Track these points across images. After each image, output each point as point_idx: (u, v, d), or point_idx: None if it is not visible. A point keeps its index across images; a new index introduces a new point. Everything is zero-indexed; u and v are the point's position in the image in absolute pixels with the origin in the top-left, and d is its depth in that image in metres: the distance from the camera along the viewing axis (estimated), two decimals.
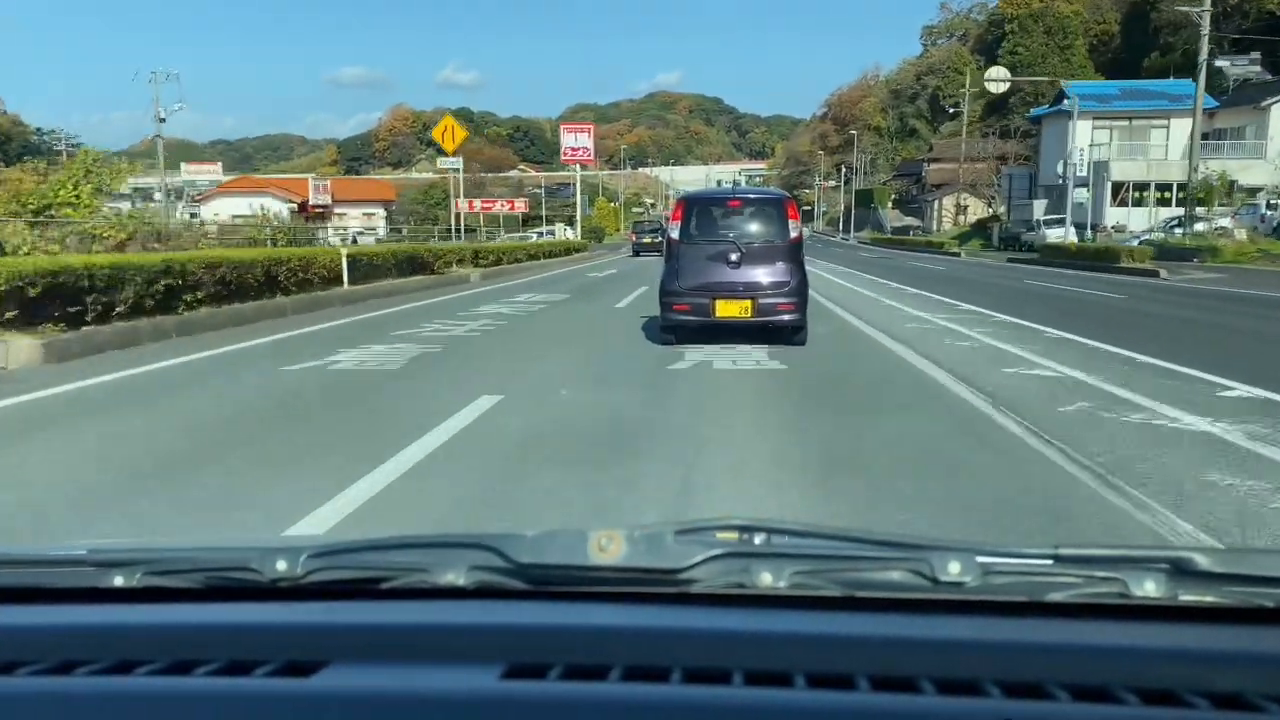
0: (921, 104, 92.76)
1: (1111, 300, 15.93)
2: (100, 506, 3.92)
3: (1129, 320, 12.39)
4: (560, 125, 53.56)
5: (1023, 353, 8.75)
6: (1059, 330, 10.58)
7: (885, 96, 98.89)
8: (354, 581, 0.98)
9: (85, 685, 0.81)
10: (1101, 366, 7.77)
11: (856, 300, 16.01)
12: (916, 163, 78.04)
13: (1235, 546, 3.21)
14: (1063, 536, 3.44)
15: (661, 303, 9.16)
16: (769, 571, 0.91)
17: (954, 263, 34.49)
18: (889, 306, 14.72)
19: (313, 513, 3.66)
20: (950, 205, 61.42)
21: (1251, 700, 0.74)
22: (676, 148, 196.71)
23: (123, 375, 7.50)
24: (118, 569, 1.01)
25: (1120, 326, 11.16)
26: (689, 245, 9.12)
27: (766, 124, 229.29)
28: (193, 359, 8.49)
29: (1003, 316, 12.48)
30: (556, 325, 12.60)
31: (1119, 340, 9.41)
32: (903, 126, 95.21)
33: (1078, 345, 9.29)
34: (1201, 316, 12.99)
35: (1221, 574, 0.90)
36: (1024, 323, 11.57)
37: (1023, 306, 14.01)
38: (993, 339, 9.95)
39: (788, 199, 9.80)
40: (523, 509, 3.80)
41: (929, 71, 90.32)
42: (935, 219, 63.18)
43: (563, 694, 0.77)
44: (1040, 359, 8.28)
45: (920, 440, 5.13)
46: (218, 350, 9.13)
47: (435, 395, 6.60)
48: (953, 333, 10.67)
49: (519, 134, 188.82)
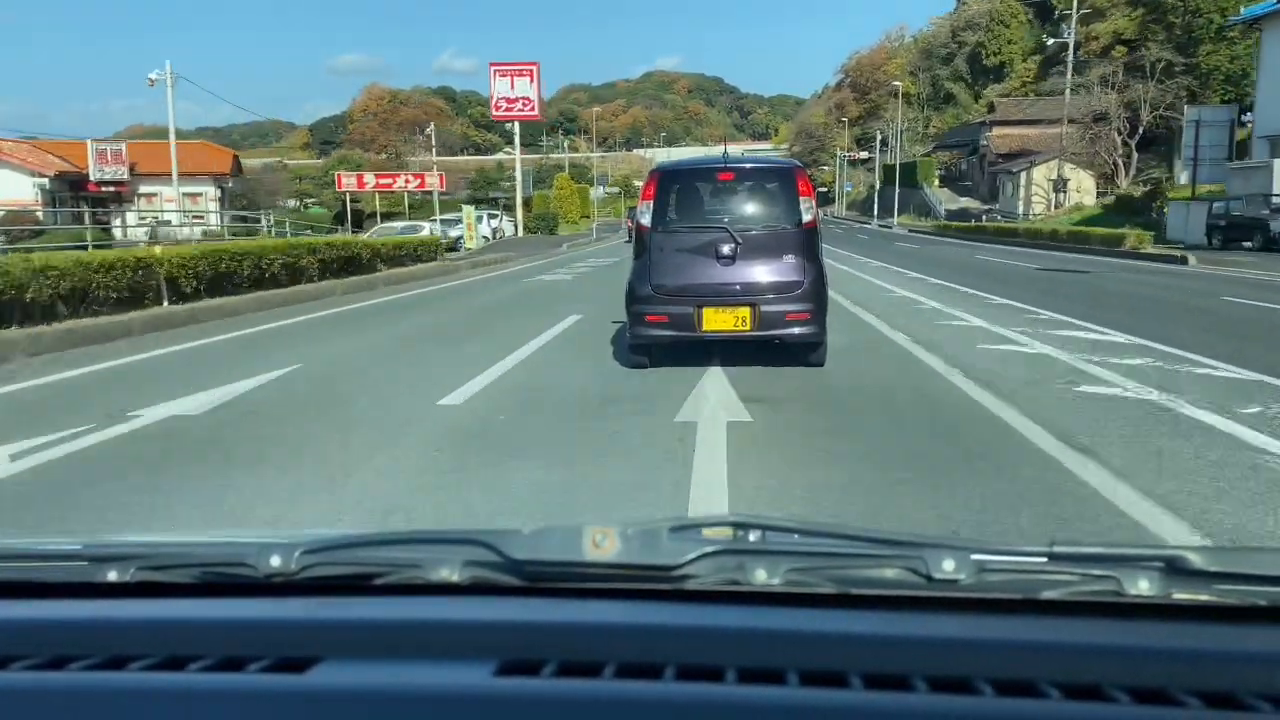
0: (959, 64, 78.77)
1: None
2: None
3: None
4: (491, 67, 38.40)
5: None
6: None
7: (914, 58, 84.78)
8: (348, 577, 0.98)
9: (78, 680, 0.81)
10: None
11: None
12: (968, 129, 63.54)
13: (1229, 546, 3.12)
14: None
15: (630, 313, 6.97)
16: (764, 568, 0.91)
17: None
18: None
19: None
20: (1041, 179, 44.47)
21: (1243, 699, 0.74)
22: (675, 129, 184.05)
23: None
24: (111, 564, 1.01)
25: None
26: (665, 234, 6.98)
27: (770, 104, 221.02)
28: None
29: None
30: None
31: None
32: (935, 92, 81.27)
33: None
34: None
35: (1215, 572, 0.90)
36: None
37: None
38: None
39: (798, 169, 7.43)
40: None
41: (966, 26, 76.40)
42: (1022, 199, 46.54)
43: (557, 691, 0.77)
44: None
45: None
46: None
47: None
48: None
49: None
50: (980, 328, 9.59)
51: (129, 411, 5.55)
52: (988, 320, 10.18)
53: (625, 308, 7.03)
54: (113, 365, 7.78)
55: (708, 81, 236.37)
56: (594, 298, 13.95)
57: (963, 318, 10.56)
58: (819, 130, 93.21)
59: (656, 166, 7.69)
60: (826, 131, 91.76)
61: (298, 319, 11.41)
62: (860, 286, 15.78)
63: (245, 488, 3.98)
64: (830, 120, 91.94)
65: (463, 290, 16.96)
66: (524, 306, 13.30)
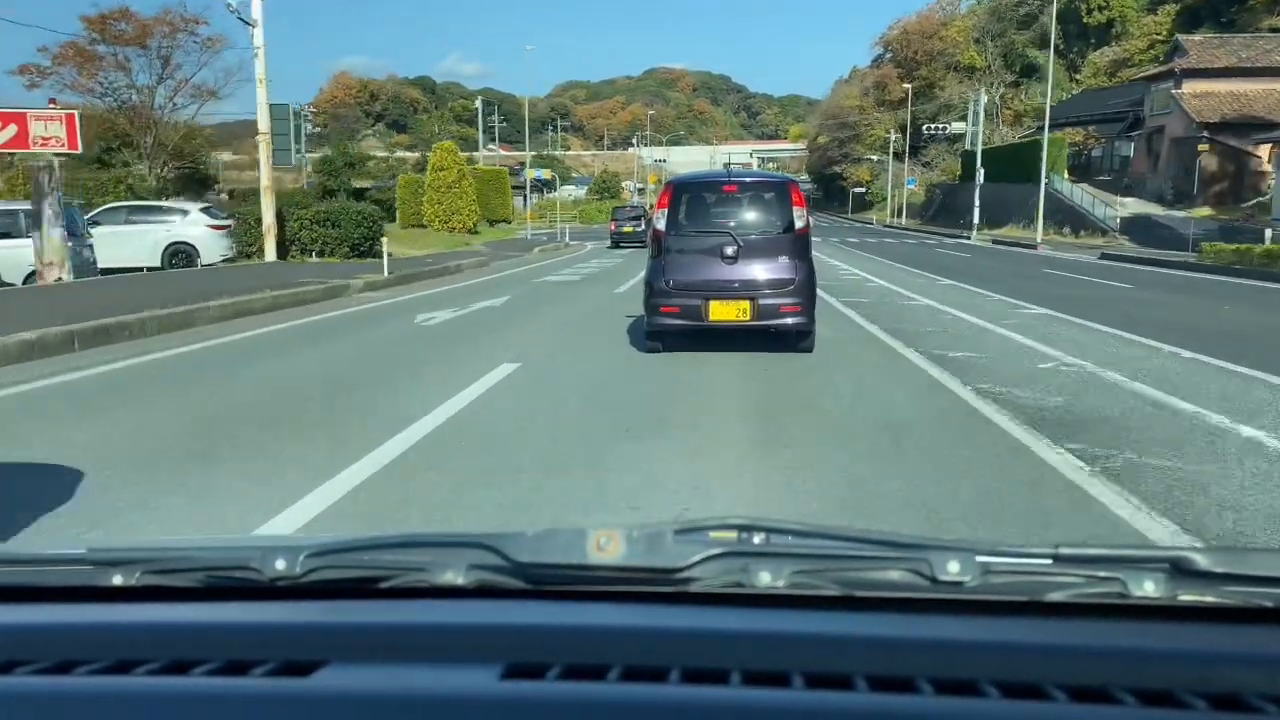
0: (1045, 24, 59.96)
1: None
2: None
3: None
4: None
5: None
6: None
7: (981, 21, 65.98)
8: (353, 580, 0.97)
9: (84, 685, 0.81)
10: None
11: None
12: (1117, 90, 43.67)
13: (1234, 546, 3.07)
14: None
15: (647, 305, 8.13)
16: (768, 571, 0.91)
17: None
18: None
19: None
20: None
21: (1249, 701, 0.73)
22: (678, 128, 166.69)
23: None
24: (116, 568, 1.01)
25: None
26: (678, 237, 8.09)
27: (780, 104, 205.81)
28: None
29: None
30: None
31: None
32: (1007, 64, 62.57)
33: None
34: None
35: (1221, 574, 0.89)
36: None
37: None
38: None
39: (791, 183, 8.63)
40: None
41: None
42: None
43: (562, 694, 0.77)
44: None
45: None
46: None
47: None
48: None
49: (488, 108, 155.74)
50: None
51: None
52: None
53: (643, 301, 8.11)
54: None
55: (714, 79, 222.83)
56: None
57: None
58: (852, 116, 74.17)
59: (671, 179, 9.16)
60: (862, 117, 72.78)
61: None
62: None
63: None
64: (868, 104, 72.93)
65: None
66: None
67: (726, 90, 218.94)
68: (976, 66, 63.71)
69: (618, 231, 32.85)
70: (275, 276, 14.15)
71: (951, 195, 54.68)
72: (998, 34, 63.62)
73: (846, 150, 75.39)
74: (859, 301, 12.91)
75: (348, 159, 39.61)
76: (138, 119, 28.08)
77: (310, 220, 19.65)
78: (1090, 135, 44.55)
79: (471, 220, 33.79)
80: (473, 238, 32.48)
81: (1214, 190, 32.58)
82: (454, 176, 33.39)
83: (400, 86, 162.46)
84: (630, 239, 31.14)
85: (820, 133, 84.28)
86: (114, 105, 28.43)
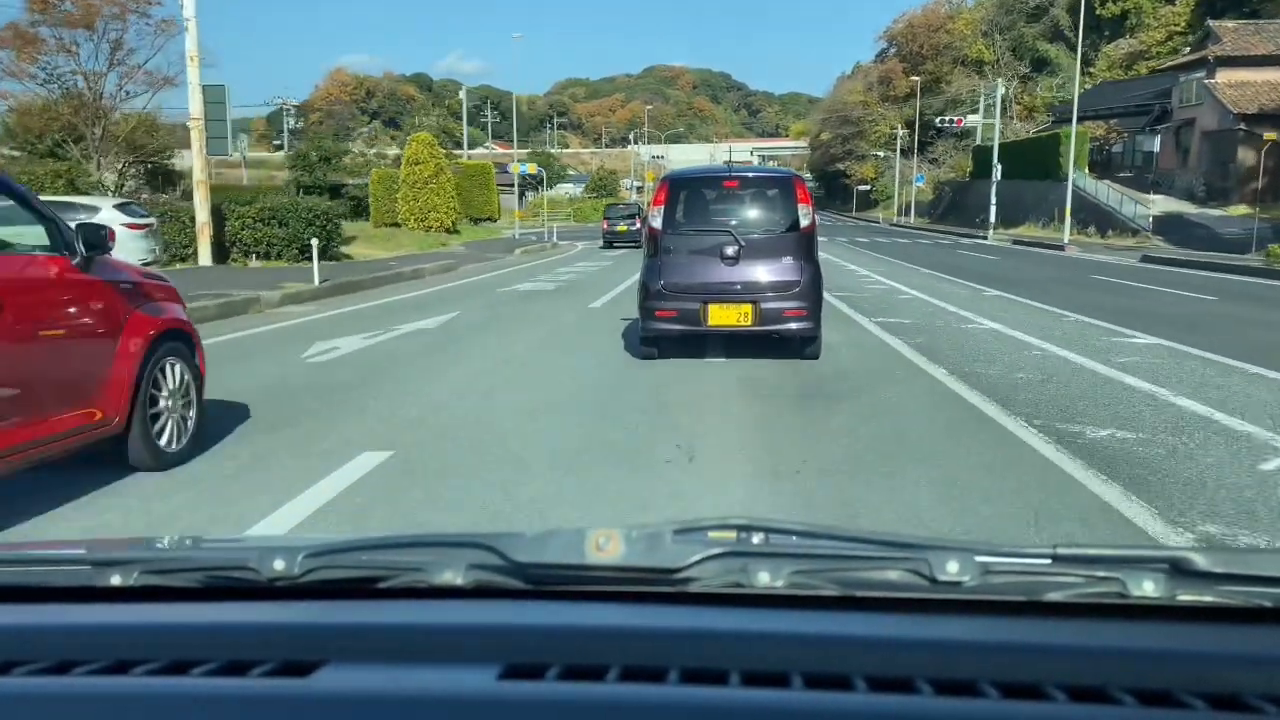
0: (1056, 17, 57.88)
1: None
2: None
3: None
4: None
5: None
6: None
7: (989, 13, 63.73)
8: (351, 581, 0.97)
9: (82, 685, 0.81)
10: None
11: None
12: (1143, 81, 41.16)
13: (1234, 547, 2.99)
14: None
15: (642, 308, 7.61)
16: (767, 571, 0.91)
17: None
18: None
19: None
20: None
21: (1248, 701, 0.73)
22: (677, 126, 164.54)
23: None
24: (115, 568, 1.00)
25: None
26: (675, 236, 7.58)
27: (781, 102, 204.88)
28: None
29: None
30: None
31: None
32: (1016, 58, 60.39)
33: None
34: None
35: (1220, 574, 0.89)
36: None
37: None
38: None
39: (796, 178, 8.15)
40: None
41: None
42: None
43: (560, 694, 0.77)
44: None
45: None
46: None
47: None
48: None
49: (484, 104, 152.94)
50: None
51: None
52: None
53: (638, 304, 7.58)
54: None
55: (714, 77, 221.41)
56: None
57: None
58: (856, 111, 71.82)
59: (667, 174, 8.45)
60: (866, 113, 70.43)
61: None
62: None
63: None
64: (872, 99, 70.60)
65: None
66: None
67: (726, 88, 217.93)
68: (985, 60, 61.46)
69: (610, 231, 31.36)
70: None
71: (962, 193, 52.22)
72: (1006, 27, 61.38)
73: (850, 147, 73.03)
74: (899, 324, 10.04)
75: (323, 153, 37.15)
76: (84, 109, 25.71)
77: (253, 218, 17.23)
78: (1111, 129, 41.97)
79: (450, 218, 31.10)
80: (451, 238, 29.97)
81: (1251, 186, 30.19)
82: (431, 171, 30.56)
83: (396, 83, 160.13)
84: (624, 239, 29.74)
85: (823, 129, 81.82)
86: (58, 93, 26.14)
